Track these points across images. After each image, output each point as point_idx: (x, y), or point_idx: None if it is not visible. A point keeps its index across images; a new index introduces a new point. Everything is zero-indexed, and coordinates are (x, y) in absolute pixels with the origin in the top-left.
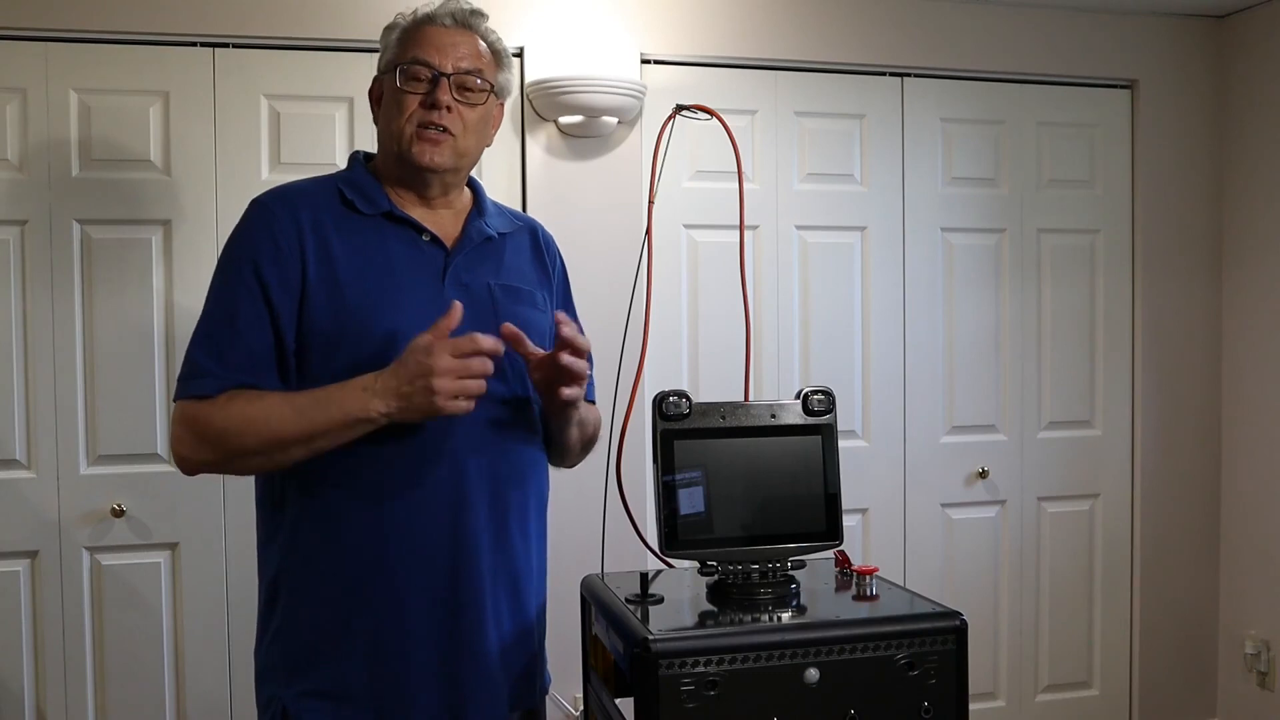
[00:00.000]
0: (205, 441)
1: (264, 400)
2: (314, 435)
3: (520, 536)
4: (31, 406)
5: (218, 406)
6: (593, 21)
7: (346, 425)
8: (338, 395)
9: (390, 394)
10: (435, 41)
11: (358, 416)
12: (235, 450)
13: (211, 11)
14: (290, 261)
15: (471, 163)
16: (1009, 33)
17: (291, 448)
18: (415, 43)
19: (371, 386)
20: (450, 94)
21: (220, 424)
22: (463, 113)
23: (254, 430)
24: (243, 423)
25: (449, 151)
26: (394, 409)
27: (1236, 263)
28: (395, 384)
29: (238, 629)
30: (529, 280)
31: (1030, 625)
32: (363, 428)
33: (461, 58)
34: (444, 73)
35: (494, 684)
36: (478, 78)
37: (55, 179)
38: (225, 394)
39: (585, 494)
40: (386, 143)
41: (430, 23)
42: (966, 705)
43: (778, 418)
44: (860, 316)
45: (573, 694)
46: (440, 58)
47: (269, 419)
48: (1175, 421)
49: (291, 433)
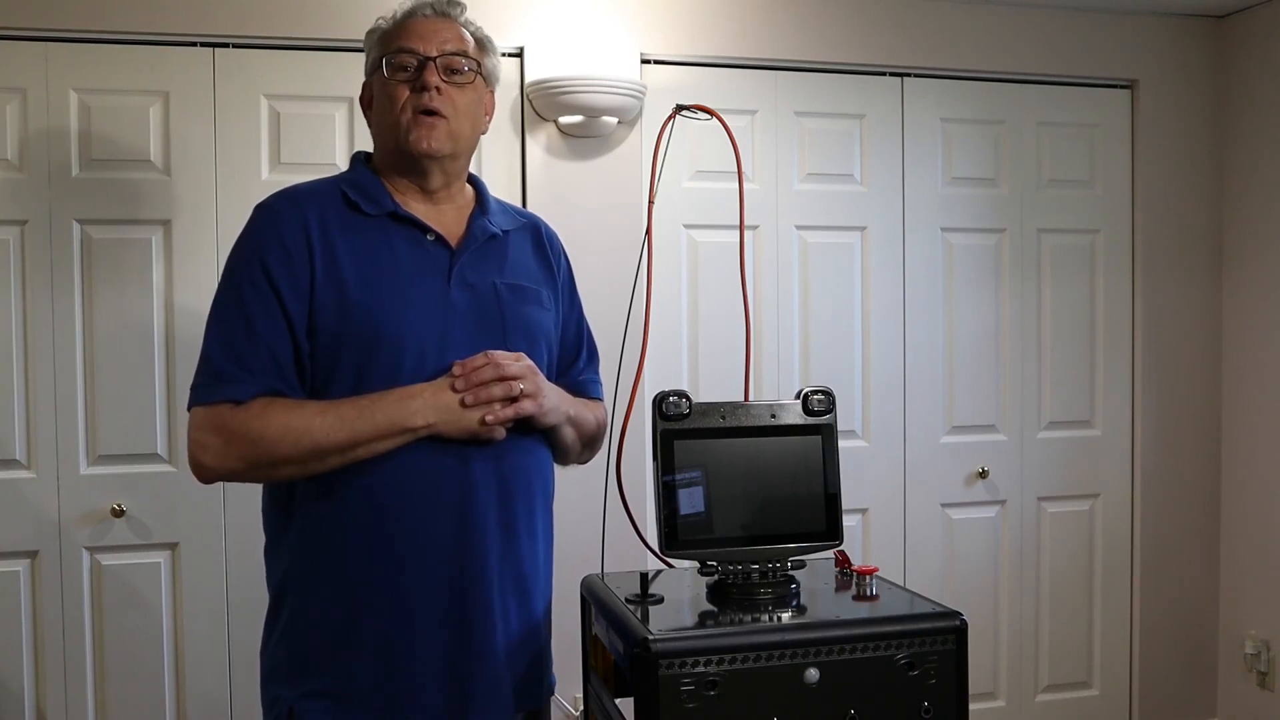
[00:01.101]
0: (235, 448)
1: (303, 409)
2: (356, 444)
3: (528, 536)
4: (31, 406)
5: (253, 414)
6: (593, 21)
7: (389, 435)
8: (382, 404)
9: (440, 410)
10: (417, 31)
11: (404, 426)
12: (268, 458)
13: (211, 11)
14: (299, 264)
15: (468, 149)
16: (1009, 33)
17: (329, 457)
18: (398, 36)
19: (418, 396)
20: (438, 75)
21: (258, 431)
22: (453, 95)
23: (294, 439)
24: (282, 431)
25: (444, 135)
26: (443, 425)
27: (1236, 263)
28: (446, 400)
29: (238, 629)
30: (534, 278)
31: (1030, 625)
32: (405, 438)
33: (445, 41)
34: (429, 56)
35: (500, 684)
36: (463, 59)
37: (55, 179)
38: (259, 400)
39: (585, 494)
40: (384, 138)
41: (410, 16)
42: (966, 705)
43: (778, 418)
44: (860, 316)
45: (573, 694)
46: (424, 44)
47: (310, 428)
48: (1175, 421)
49: (334, 442)
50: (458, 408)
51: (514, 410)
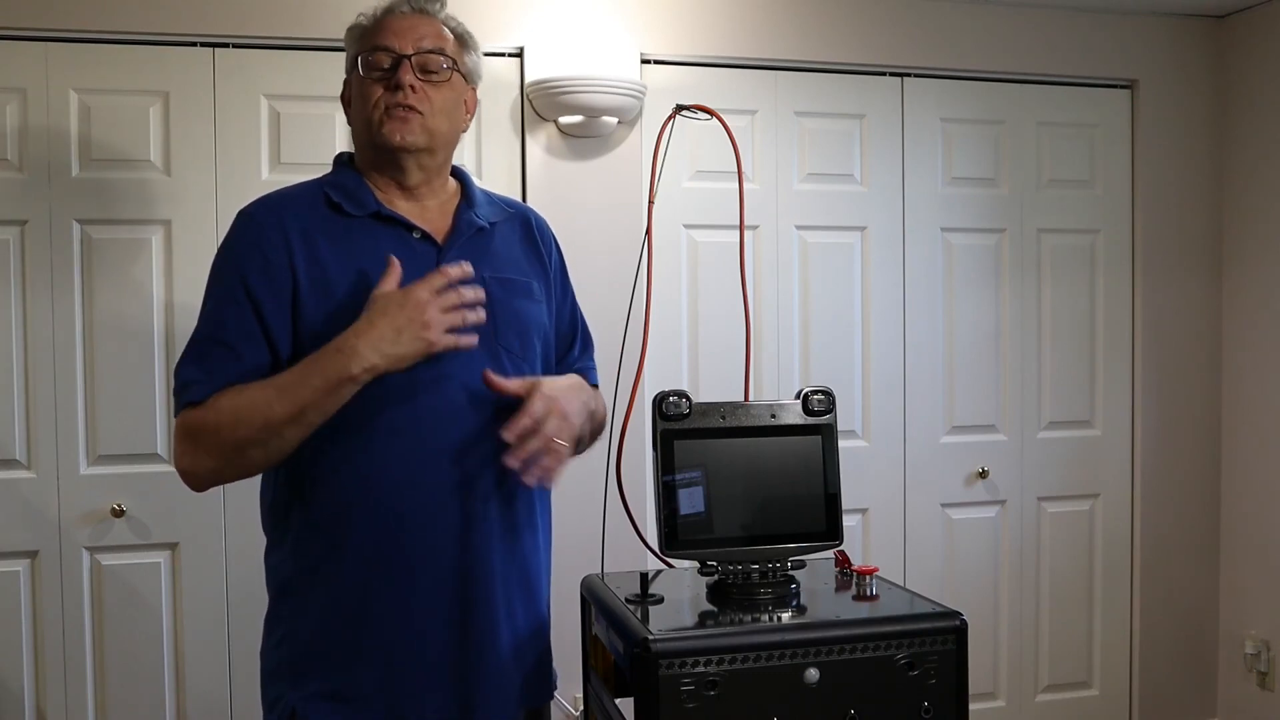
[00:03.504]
0: (202, 446)
1: (248, 389)
2: (304, 410)
3: (529, 531)
4: (31, 406)
5: (208, 408)
6: (593, 21)
7: (330, 391)
8: (316, 365)
9: (374, 346)
10: (394, 28)
11: (343, 377)
12: (231, 444)
13: (211, 11)
14: (279, 272)
15: (446, 144)
16: (1009, 33)
17: (284, 429)
18: (375, 33)
19: (348, 345)
20: (413, 74)
21: (213, 421)
22: (429, 93)
23: (244, 420)
24: (232, 415)
25: (418, 128)
26: (382, 359)
27: (1236, 263)
28: (377, 333)
29: (238, 629)
30: (523, 270)
31: (1030, 625)
32: (348, 388)
33: (421, 38)
34: (404, 54)
35: (506, 682)
36: (440, 56)
37: (55, 179)
38: (213, 396)
39: (585, 494)
40: (361, 135)
41: (389, 14)
42: (966, 705)
43: (778, 418)
44: (860, 316)
45: (573, 694)
46: (400, 41)
47: (255, 404)
48: (1175, 421)
49: (280, 413)
50: (394, 335)
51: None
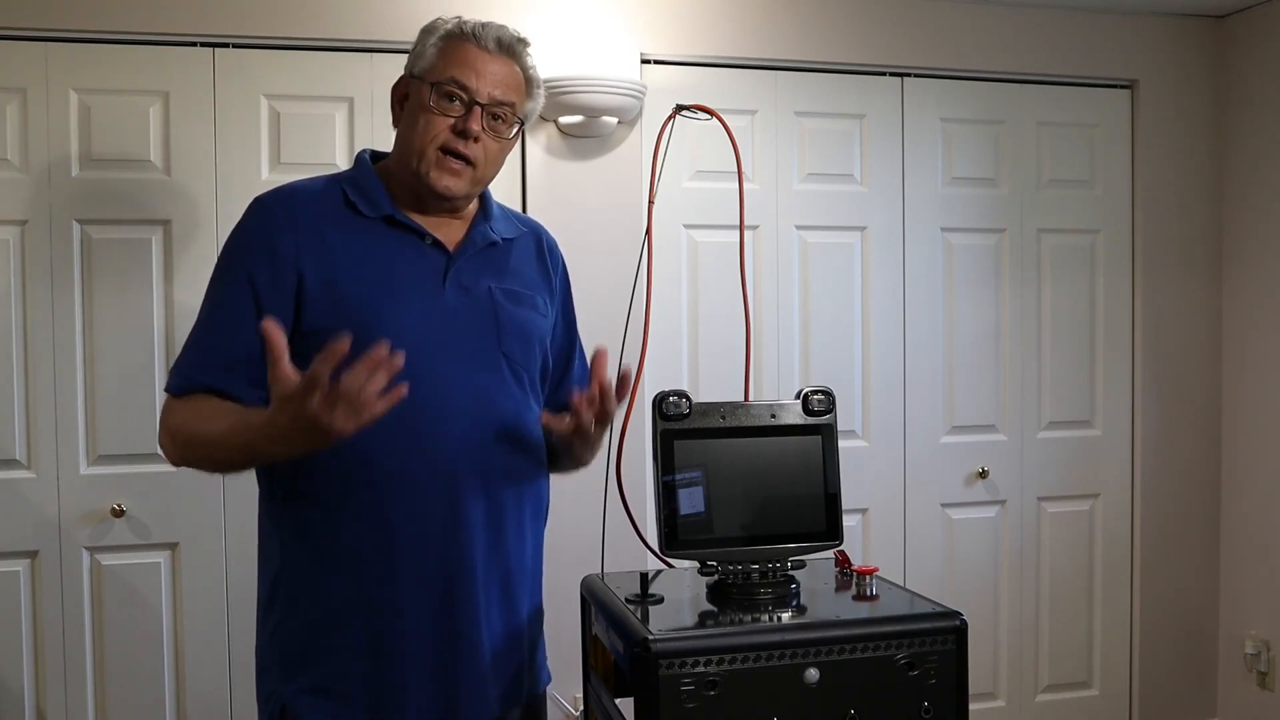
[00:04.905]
0: (168, 438)
1: (210, 408)
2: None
3: (516, 537)
4: (31, 406)
5: (179, 408)
6: (593, 21)
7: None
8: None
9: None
10: (475, 65)
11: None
12: (185, 450)
13: (211, 11)
14: (285, 264)
15: (484, 186)
16: (1009, 33)
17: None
18: (455, 61)
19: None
20: (481, 123)
21: (178, 422)
22: (487, 145)
23: (198, 438)
24: (188, 430)
25: (467, 181)
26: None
27: (1236, 263)
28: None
29: (238, 629)
30: (530, 284)
31: (1030, 625)
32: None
33: (497, 86)
34: (479, 101)
35: (486, 682)
36: (511, 109)
37: (55, 179)
38: (193, 396)
39: (585, 494)
40: (404, 154)
41: (475, 43)
42: (966, 705)
43: (778, 418)
44: (860, 316)
45: (573, 694)
46: (478, 83)
47: (209, 435)
48: (1175, 421)
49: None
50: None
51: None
